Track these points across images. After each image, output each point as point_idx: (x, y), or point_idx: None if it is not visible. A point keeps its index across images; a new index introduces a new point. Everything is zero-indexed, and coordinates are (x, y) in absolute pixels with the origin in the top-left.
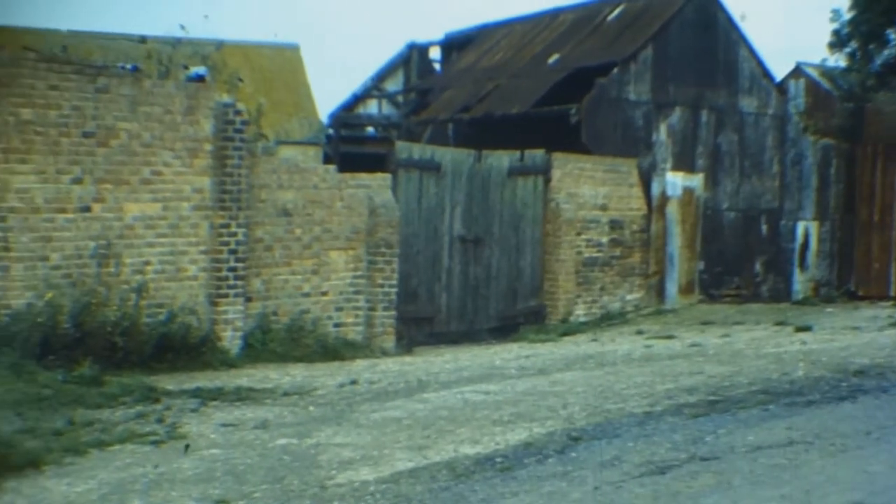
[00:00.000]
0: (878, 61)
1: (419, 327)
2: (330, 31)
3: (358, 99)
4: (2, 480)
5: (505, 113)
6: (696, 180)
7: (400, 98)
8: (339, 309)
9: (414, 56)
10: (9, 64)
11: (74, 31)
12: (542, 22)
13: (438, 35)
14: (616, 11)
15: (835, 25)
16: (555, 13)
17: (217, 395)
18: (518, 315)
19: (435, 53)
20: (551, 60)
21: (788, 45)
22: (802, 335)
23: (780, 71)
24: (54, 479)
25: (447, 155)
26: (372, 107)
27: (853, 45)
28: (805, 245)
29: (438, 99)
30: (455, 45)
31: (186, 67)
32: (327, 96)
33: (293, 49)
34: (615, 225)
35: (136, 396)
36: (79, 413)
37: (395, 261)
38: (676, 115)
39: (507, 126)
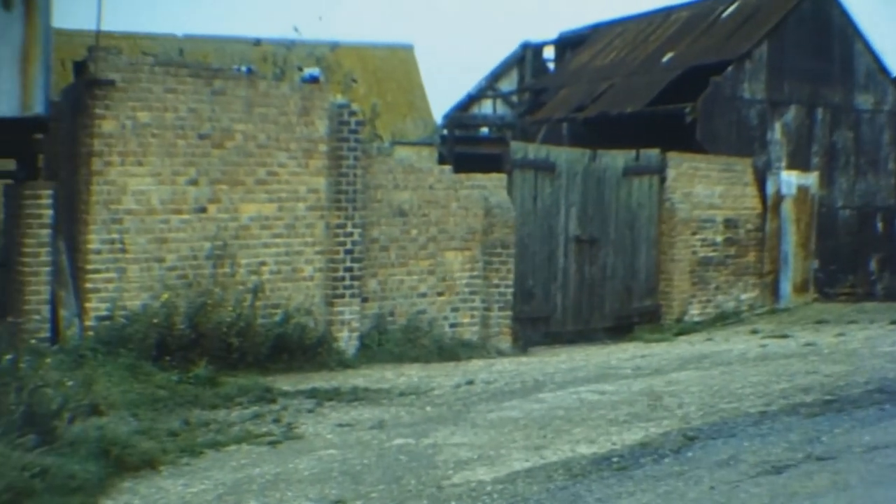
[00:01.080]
0: None
1: (535, 327)
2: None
3: (472, 99)
4: (118, 481)
5: (619, 112)
6: (811, 178)
7: (514, 98)
8: (456, 309)
9: (528, 56)
10: (127, 68)
11: (190, 35)
12: (656, 20)
13: (552, 34)
14: (730, 9)
15: None
16: (668, 11)
17: (333, 395)
18: (633, 315)
19: (549, 53)
20: (665, 59)
21: None
22: None
23: None
24: (170, 480)
25: (562, 155)
26: (486, 107)
27: None
28: None
29: (553, 98)
30: (569, 44)
31: (301, 69)
32: (441, 96)
33: (407, 49)
34: (730, 224)
35: (251, 397)
36: (195, 414)
37: (510, 261)
38: (791, 113)
39: (621, 125)
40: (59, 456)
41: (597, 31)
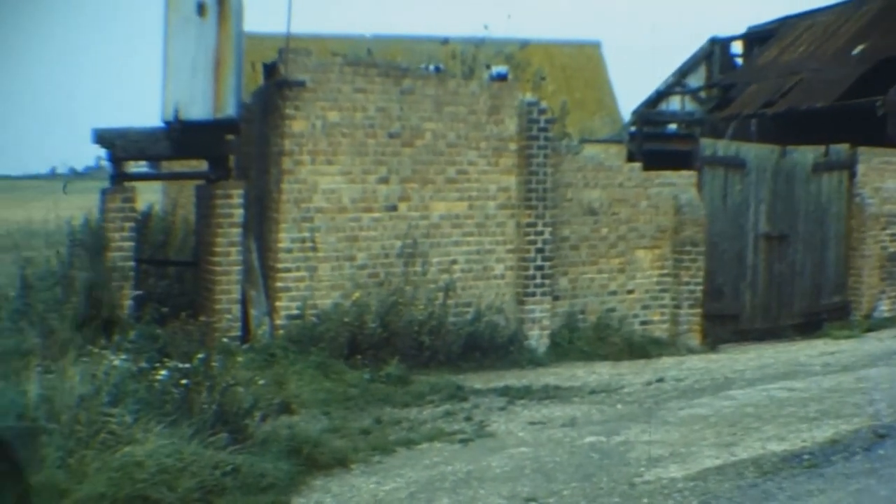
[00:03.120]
0: None
1: (724, 325)
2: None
3: (660, 95)
4: (310, 479)
5: (809, 107)
6: None
7: (702, 94)
8: (646, 307)
9: (716, 51)
10: (316, 69)
11: (378, 35)
12: (846, 12)
13: (741, 29)
14: None
15: None
16: (859, 3)
17: (524, 393)
18: (821, 311)
19: (737, 48)
20: (855, 52)
21: None
22: None
23: None
24: (362, 478)
25: (751, 151)
26: (674, 103)
27: None
28: None
29: (741, 94)
30: (757, 39)
31: (489, 67)
32: (629, 93)
33: (594, 46)
34: None
35: (443, 395)
36: (386, 412)
37: (700, 259)
38: None
39: (811, 120)
40: (250, 454)
41: (785, 24)
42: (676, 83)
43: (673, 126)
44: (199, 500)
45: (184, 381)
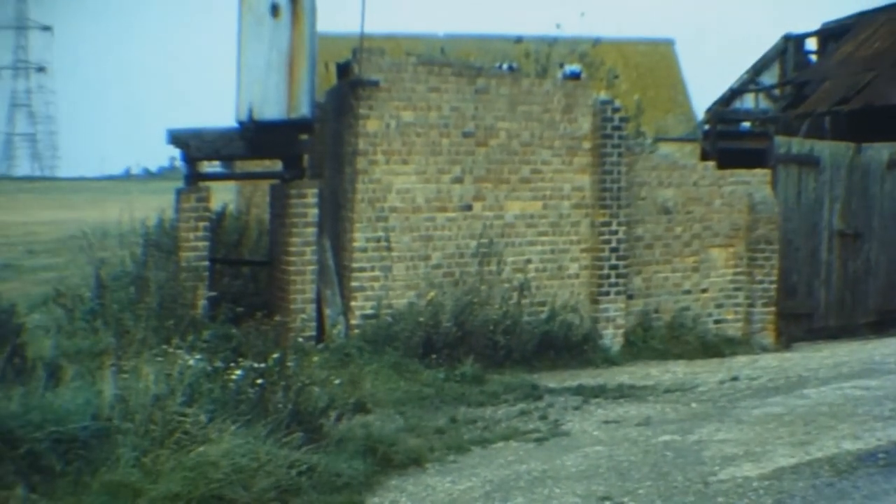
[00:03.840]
0: None
1: (797, 323)
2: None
3: (734, 93)
4: (384, 478)
5: (884, 103)
6: None
7: (776, 91)
8: (719, 306)
9: (790, 48)
10: (390, 69)
11: (451, 34)
12: None
13: (815, 25)
14: None
15: None
16: None
17: (599, 392)
18: None
19: (811, 44)
20: None
21: None
22: None
23: None
24: (437, 477)
25: (826, 149)
26: (747, 101)
27: None
28: None
29: (815, 91)
30: (831, 35)
31: (562, 65)
32: (702, 91)
33: (668, 44)
34: None
35: (517, 394)
36: (461, 411)
37: (774, 257)
38: None
39: (886, 117)
40: (325, 454)
41: (861, 20)
42: (750, 81)
43: (747, 124)
44: (274, 499)
45: (259, 381)
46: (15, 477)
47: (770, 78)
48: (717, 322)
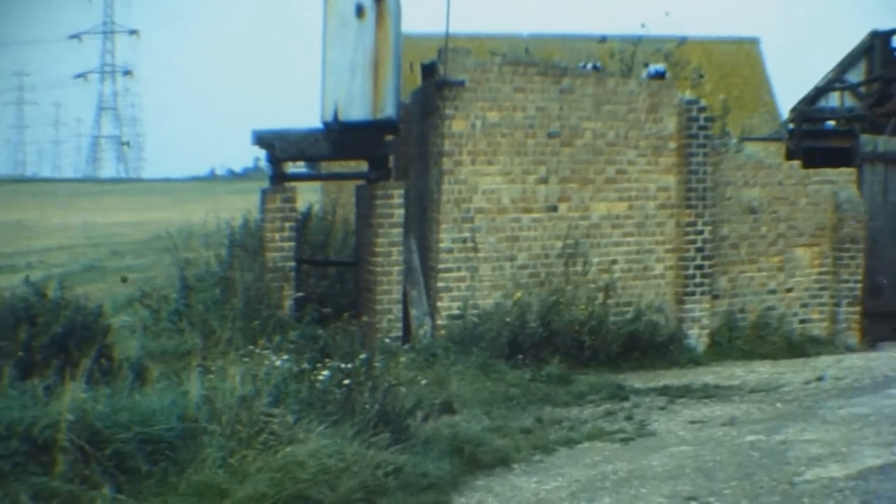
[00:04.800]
0: None
1: (883, 322)
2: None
3: (819, 91)
4: (471, 478)
5: None
6: None
7: (862, 89)
8: (804, 305)
9: (876, 45)
10: (475, 69)
11: (535, 34)
12: None
13: None
14: None
15: None
16: None
17: (684, 392)
18: None
19: None
20: None
21: None
22: None
23: None
24: (524, 477)
25: None
26: (833, 99)
27: None
28: None
29: None
30: None
31: (646, 65)
32: (787, 89)
33: (753, 43)
34: None
35: (603, 394)
36: (547, 411)
37: (860, 256)
38: None
39: None
40: (412, 454)
41: None
42: (836, 79)
43: (832, 122)
44: (361, 500)
45: (346, 382)
46: (102, 477)
47: (856, 76)
48: (802, 322)
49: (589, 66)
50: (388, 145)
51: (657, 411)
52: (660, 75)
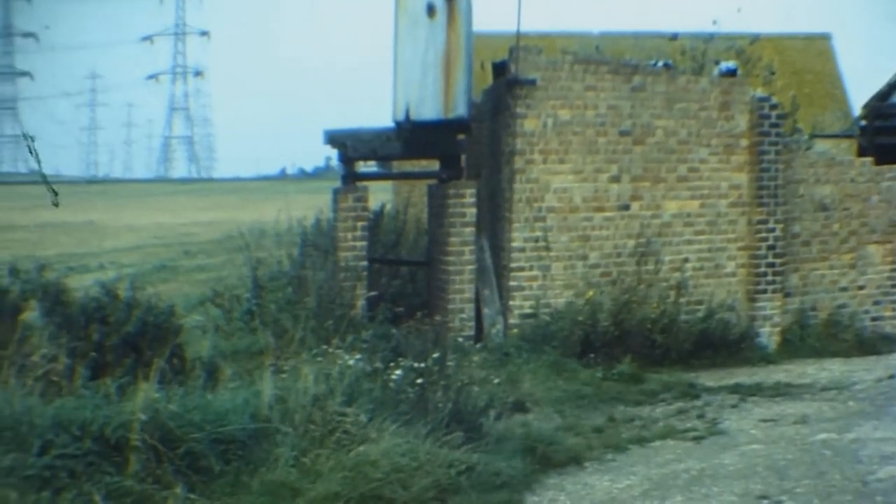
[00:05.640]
0: None
1: None
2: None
3: (892, 88)
4: (543, 477)
5: None
6: None
7: None
8: (876, 303)
9: None
10: (546, 67)
11: (606, 32)
12: None
13: None
14: None
15: None
16: None
17: (755, 390)
18: None
19: None
20: None
21: None
22: None
23: None
24: (596, 476)
25: None
26: None
27: None
28: None
29: None
30: None
31: (717, 62)
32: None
33: (825, 39)
34: None
35: (675, 393)
36: (618, 410)
37: None
38: None
39: None
40: (484, 453)
41: None
42: None
43: None
44: (434, 498)
45: (418, 381)
46: (174, 477)
47: None
48: (874, 319)
49: (660, 63)
50: (460, 144)
51: (729, 409)
52: (731, 73)
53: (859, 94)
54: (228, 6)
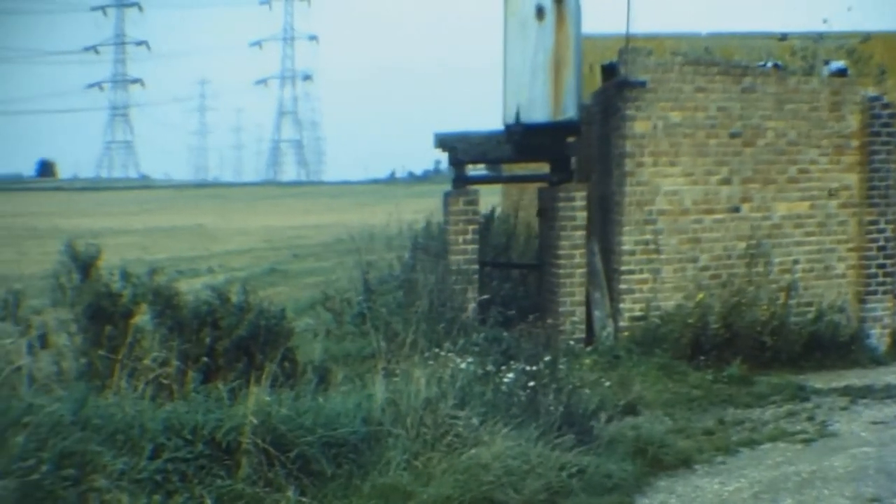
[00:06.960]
0: None
1: None
2: None
3: None
4: (653, 479)
5: None
6: None
7: None
8: None
9: None
10: (656, 69)
11: (714, 32)
12: None
13: None
14: None
15: None
16: None
17: (866, 392)
18: None
19: None
20: None
21: None
22: None
23: None
24: (706, 478)
25: None
26: None
27: None
28: None
29: None
30: None
31: (827, 62)
32: None
33: None
34: None
35: (784, 395)
36: (728, 412)
37: None
38: None
39: None
40: (595, 455)
41: None
42: None
43: None
44: (545, 501)
45: (530, 384)
46: (285, 480)
47: None
48: None
49: (769, 64)
50: (570, 147)
51: (839, 412)
52: (841, 72)
53: None
54: (336, 10)
